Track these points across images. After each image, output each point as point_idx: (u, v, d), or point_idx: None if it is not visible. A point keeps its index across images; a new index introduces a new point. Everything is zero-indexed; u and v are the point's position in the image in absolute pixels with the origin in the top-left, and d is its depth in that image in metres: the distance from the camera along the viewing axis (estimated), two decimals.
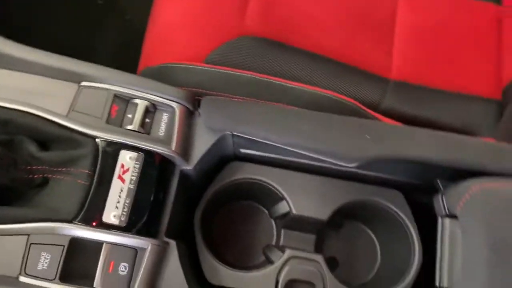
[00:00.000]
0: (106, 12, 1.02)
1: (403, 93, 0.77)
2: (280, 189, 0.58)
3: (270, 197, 0.60)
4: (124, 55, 0.97)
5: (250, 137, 0.50)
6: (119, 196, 0.45)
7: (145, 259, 0.45)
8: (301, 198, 0.57)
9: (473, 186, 0.47)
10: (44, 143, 0.47)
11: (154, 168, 0.47)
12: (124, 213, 0.45)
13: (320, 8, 0.77)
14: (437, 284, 0.49)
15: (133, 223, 0.45)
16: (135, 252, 0.45)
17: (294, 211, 0.57)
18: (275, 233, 0.64)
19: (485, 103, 0.80)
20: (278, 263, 0.55)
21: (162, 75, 0.61)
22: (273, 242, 0.63)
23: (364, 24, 0.80)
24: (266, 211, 0.64)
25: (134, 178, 0.46)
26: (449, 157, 0.48)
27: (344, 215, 0.62)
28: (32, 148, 0.46)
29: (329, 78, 0.73)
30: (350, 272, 0.63)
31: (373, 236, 0.65)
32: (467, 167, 0.49)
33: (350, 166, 0.50)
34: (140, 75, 0.68)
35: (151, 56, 0.69)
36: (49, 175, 0.47)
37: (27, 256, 0.42)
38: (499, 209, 0.45)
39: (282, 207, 0.58)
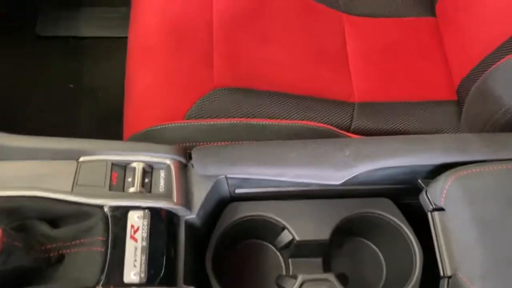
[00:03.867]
0: (78, 94, 1.07)
1: (368, 112, 0.84)
2: (279, 219, 0.61)
3: (272, 230, 0.63)
4: (103, 131, 1.02)
5: (243, 176, 0.55)
6: (135, 255, 0.48)
7: None
8: (301, 224, 0.61)
9: (449, 178, 0.52)
10: (54, 221, 0.50)
11: (162, 222, 0.50)
12: (143, 269, 0.47)
13: (279, 53, 0.84)
14: (441, 274, 0.52)
15: (153, 277, 0.48)
16: None
17: (297, 238, 0.60)
18: (283, 264, 0.67)
19: (444, 105, 0.87)
20: None
21: (148, 139, 0.66)
22: (283, 273, 0.66)
23: (321, 59, 0.87)
24: (271, 245, 0.67)
25: (145, 235, 0.49)
26: (421, 157, 0.53)
27: (344, 232, 0.66)
28: (44, 228, 0.49)
29: (303, 111, 0.78)
30: (361, 285, 0.66)
31: (374, 247, 0.69)
32: (439, 162, 0.54)
33: (338, 183, 0.54)
34: None
35: (133, 124, 0.73)
36: (64, 251, 0.49)
37: None
38: (475, 192, 0.50)
39: (285, 237, 0.62)
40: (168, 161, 0.54)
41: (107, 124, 0.91)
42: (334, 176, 0.53)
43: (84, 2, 1.14)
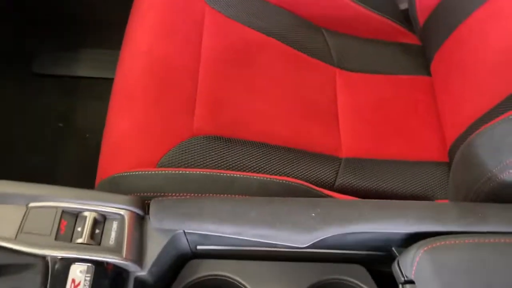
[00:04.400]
0: (66, 134, 1.06)
1: (354, 168, 0.81)
2: (242, 281, 0.57)
3: None
4: (87, 173, 1.00)
5: (202, 233, 0.51)
6: None
7: None
8: None
9: (420, 249, 0.48)
10: None
11: (106, 278, 0.47)
12: None
13: (265, 104, 0.82)
14: None
15: None
16: None
17: None
18: None
19: (435, 166, 0.83)
20: None
21: (115, 186, 0.63)
22: None
23: (310, 112, 0.85)
24: None
25: None
26: (393, 224, 0.50)
27: None
28: None
29: (283, 165, 0.75)
30: None
31: None
32: (413, 230, 0.50)
33: (302, 246, 0.51)
34: (97, 188, 0.70)
35: (106, 168, 0.71)
36: None
37: None
38: (445, 266, 0.46)
39: None
40: (122, 212, 0.51)
41: (92, 166, 0.89)
42: (297, 239, 0.50)
43: (83, 44, 1.16)
